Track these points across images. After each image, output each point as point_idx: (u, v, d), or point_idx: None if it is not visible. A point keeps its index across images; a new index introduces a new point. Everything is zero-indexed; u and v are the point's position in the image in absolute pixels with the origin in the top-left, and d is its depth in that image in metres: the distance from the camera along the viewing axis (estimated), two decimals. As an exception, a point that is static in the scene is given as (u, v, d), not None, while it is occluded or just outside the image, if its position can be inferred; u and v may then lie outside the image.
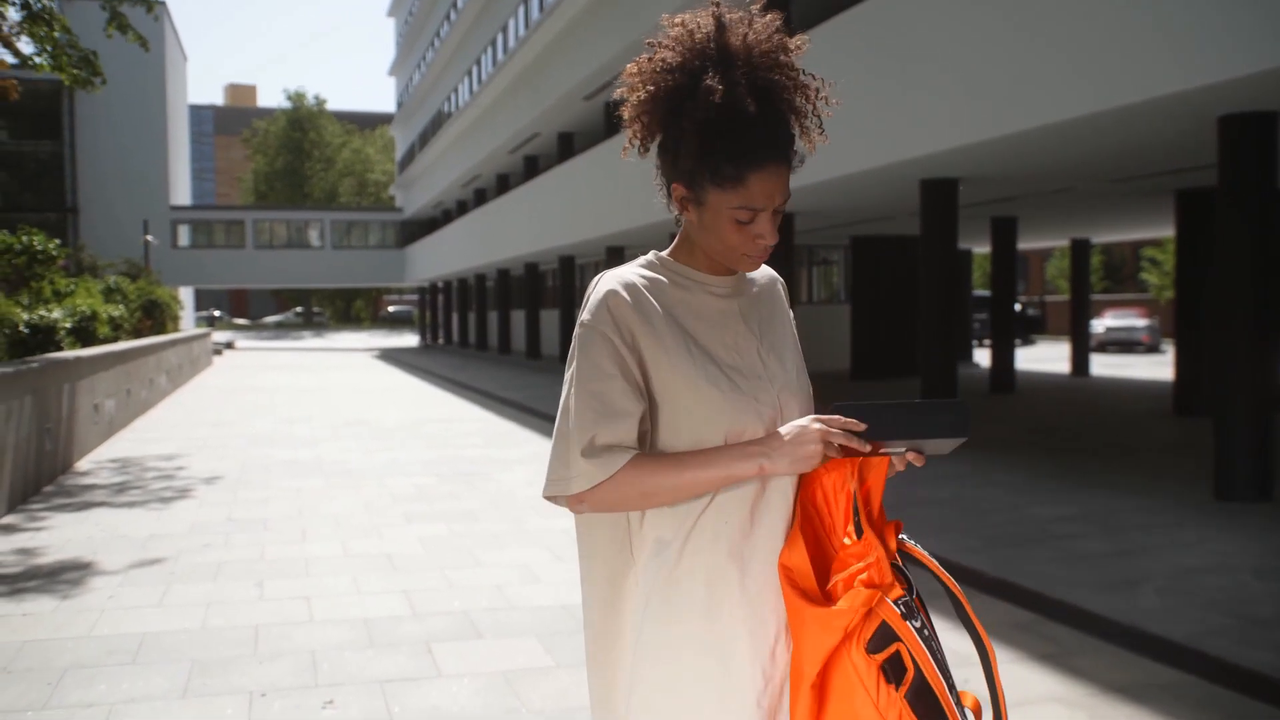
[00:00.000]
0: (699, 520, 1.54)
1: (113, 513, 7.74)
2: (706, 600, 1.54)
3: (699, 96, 1.51)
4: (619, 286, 1.57)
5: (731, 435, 1.54)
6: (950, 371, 10.96)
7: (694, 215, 1.58)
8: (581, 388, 1.53)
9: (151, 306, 19.83)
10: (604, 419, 1.50)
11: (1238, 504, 7.29)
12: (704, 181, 1.53)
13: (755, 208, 1.53)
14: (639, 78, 1.59)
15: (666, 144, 1.58)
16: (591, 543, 1.62)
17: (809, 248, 22.22)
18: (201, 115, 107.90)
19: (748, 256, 1.59)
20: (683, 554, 1.54)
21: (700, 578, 1.54)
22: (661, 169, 1.62)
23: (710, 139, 1.51)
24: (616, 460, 1.49)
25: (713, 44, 1.55)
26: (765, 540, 1.56)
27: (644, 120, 1.59)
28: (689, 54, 1.55)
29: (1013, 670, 4.32)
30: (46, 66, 10.80)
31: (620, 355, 1.53)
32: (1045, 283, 44.29)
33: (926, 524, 6.77)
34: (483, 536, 6.95)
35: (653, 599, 1.54)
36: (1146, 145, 9.32)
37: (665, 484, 1.50)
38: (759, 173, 1.51)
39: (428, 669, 4.35)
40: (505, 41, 27.81)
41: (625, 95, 1.61)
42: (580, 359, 1.54)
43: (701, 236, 1.59)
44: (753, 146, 1.51)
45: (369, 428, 13.60)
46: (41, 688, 4.10)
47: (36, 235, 12.61)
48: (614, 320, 1.54)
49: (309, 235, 50.15)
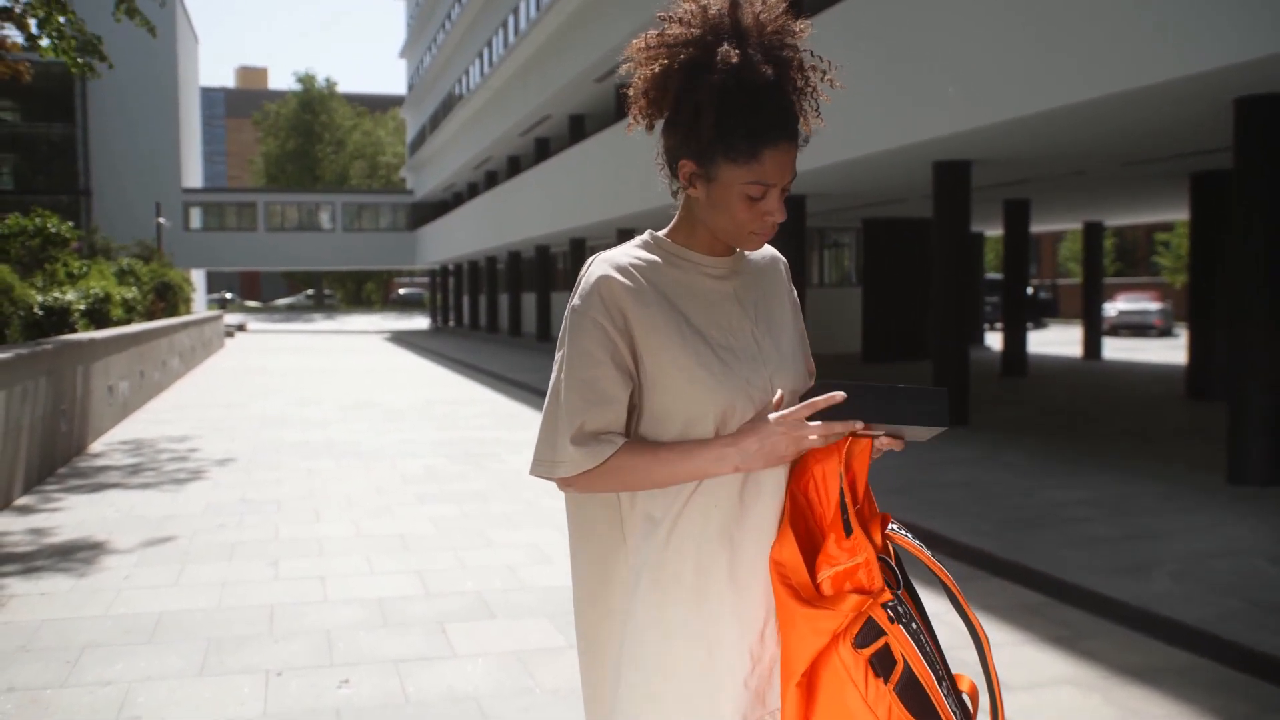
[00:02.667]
0: (689, 500, 1.55)
1: (127, 494, 7.80)
2: (695, 581, 1.55)
3: (716, 68, 1.51)
4: (611, 270, 1.57)
5: (722, 417, 1.55)
6: (962, 355, 10.93)
7: (702, 192, 1.57)
8: (572, 374, 1.54)
9: (164, 289, 19.91)
10: (593, 406, 1.52)
11: (1251, 488, 7.27)
12: (717, 156, 1.53)
13: (768, 183, 1.53)
14: (648, 52, 1.58)
15: (676, 119, 1.56)
16: (581, 520, 1.64)
17: (820, 230, 22.14)
18: (213, 98, 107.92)
19: (755, 234, 1.58)
20: (672, 534, 1.55)
21: (689, 559, 1.55)
22: (667, 146, 1.60)
23: (727, 112, 1.51)
24: (604, 450, 1.51)
25: (726, 18, 1.55)
26: (755, 521, 1.57)
27: (652, 95, 1.58)
28: (703, 28, 1.55)
29: (1025, 652, 4.32)
30: (50, 52, 10.78)
31: (611, 340, 1.53)
32: (1057, 266, 44.08)
33: (939, 506, 6.77)
34: (494, 517, 6.98)
35: (642, 579, 1.56)
36: (1161, 128, 9.25)
37: (643, 477, 1.52)
38: (773, 149, 1.52)
39: (442, 649, 4.37)
40: (516, 23, 27.70)
41: (634, 70, 1.60)
42: (571, 344, 1.55)
43: (709, 214, 1.58)
44: (769, 121, 1.51)
45: (380, 409, 13.65)
46: (60, 666, 4.15)
47: (50, 218, 12.65)
48: (605, 305, 1.54)
49: (320, 218, 50.21)
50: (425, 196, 48.24)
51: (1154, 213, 22.58)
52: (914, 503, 6.90)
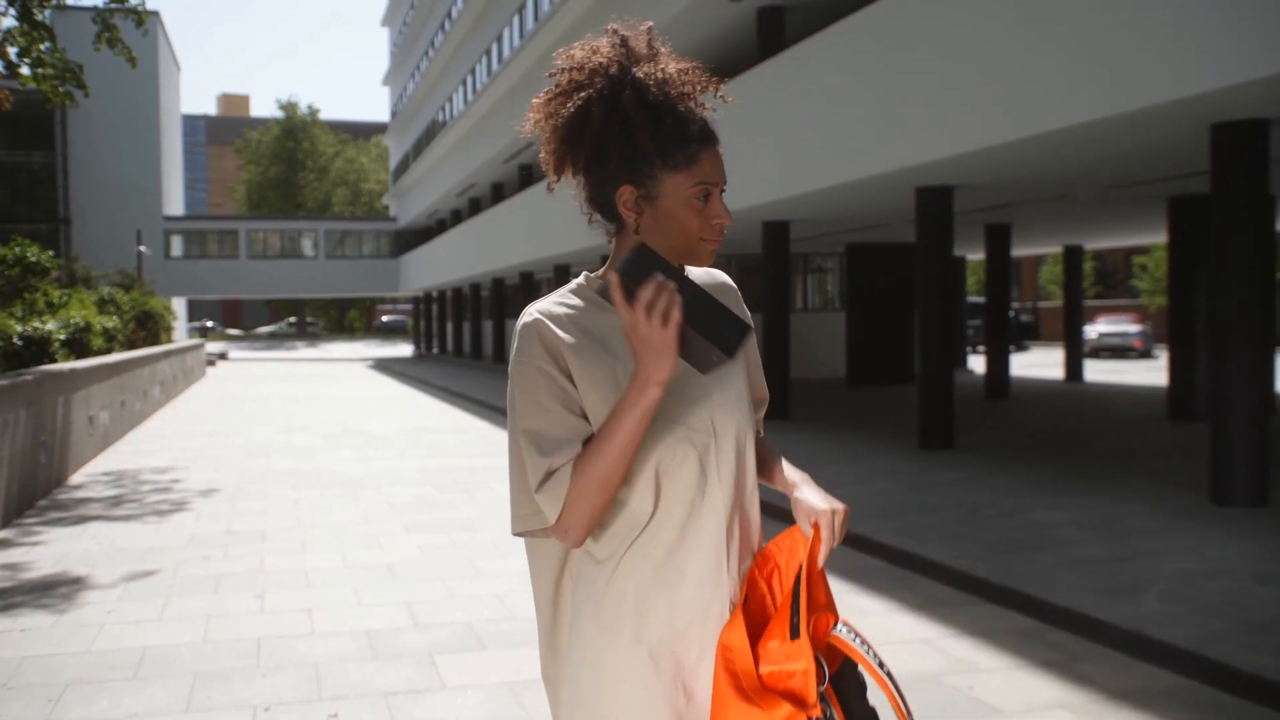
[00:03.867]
0: (633, 544, 1.55)
1: (109, 526, 7.71)
2: (635, 624, 1.55)
3: (639, 83, 1.54)
4: (545, 319, 1.56)
5: (658, 464, 1.54)
6: (947, 378, 10.97)
7: (648, 215, 1.56)
8: (527, 428, 1.53)
9: (145, 317, 19.78)
10: (554, 451, 1.51)
11: (1236, 509, 7.31)
12: (656, 169, 1.53)
13: (711, 182, 1.55)
14: (559, 100, 1.58)
15: (604, 150, 1.55)
16: (535, 559, 1.66)
17: (804, 255, 22.24)
18: (194, 125, 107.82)
19: (706, 241, 1.58)
20: (614, 576, 1.55)
21: (629, 600, 1.55)
22: (594, 184, 1.59)
23: (658, 123, 1.52)
24: (561, 480, 1.49)
25: (624, 47, 1.58)
26: (696, 563, 1.56)
27: (572, 136, 1.57)
28: (607, 60, 1.57)
29: (1018, 677, 4.32)
30: (30, 80, 10.73)
31: (556, 384, 1.53)
32: (1038, 289, 44.40)
33: (928, 530, 6.78)
34: (483, 546, 6.94)
35: (583, 619, 1.57)
36: (1140, 153, 9.36)
37: (607, 470, 1.48)
38: (708, 150, 1.56)
39: (432, 680, 4.33)
40: (500, 50, 27.84)
41: (543, 125, 1.59)
42: (519, 398, 1.54)
43: (658, 237, 1.56)
44: (698, 125, 1.55)
45: (365, 437, 13.57)
46: (42, 704, 4.08)
47: (30, 247, 12.58)
48: (546, 350, 1.54)
49: (303, 245, 50.08)
50: (409, 223, 48.24)
51: (1132, 236, 22.80)
52: (903, 526, 6.90)
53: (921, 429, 10.90)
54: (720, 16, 14.81)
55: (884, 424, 13.19)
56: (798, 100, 11.40)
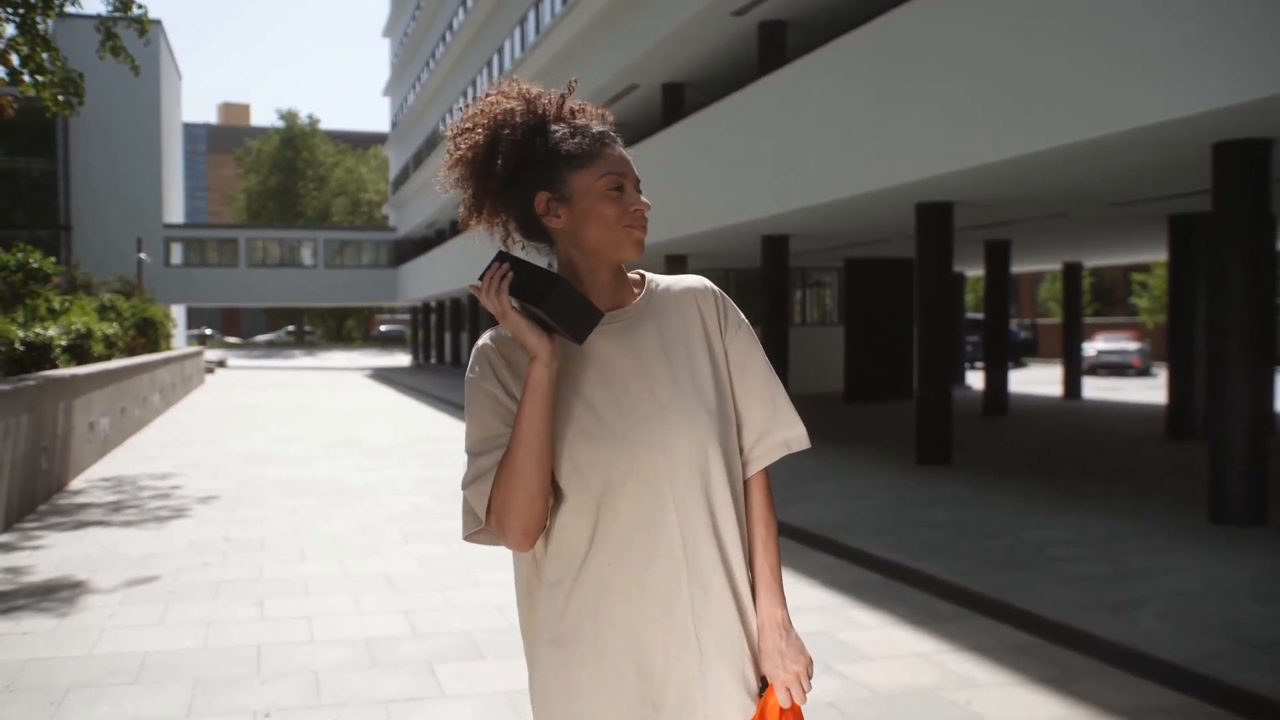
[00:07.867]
0: (585, 562, 1.59)
1: (109, 531, 7.71)
2: (594, 642, 1.58)
3: (536, 110, 1.66)
4: (490, 342, 1.65)
5: (606, 481, 1.58)
6: (945, 394, 10.99)
7: (565, 216, 1.63)
8: (468, 441, 1.62)
9: (145, 324, 19.78)
10: (484, 454, 1.59)
11: (1234, 528, 7.32)
12: (562, 170, 1.61)
13: (619, 173, 1.62)
14: (460, 140, 1.69)
15: (509, 178, 1.66)
16: (515, 578, 1.71)
17: (803, 270, 22.29)
18: (195, 133, 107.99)
19: (630, 229, 1.62)
20: (571, 596, 1.59)
21: (588, 618, 1.58)
22: (512, 204, 1.68)
23: (560, 132, 1.64)
24: (490, 474, 1.56)
25: (524, 88, 1.69)
26: (654, 574, 1.59)
27: (480, 174, 1.67)
28: (510, 101, 1.67)
29: (1016, 694, 4.33)
30: (30, 89, 10.73)
31: (498, 402, 1.60)
32: (1037, 305, 44.47)
33: (925, 547, 6.79)
34: (481, 556, 6.94)
35: (542, 639, 1.62)
36: (1141, 172, 9.41)
37: (516, 450, 1.53)
38: (608, 147, 1.64)
39: (431, 689, 4.34)
40: (501, 62, 27.93)
41: (454, 171, 1.70)
42: (469, 415, 1.63)
43: (581, 236, 1.63)
44: (596, 130, 1.65)
45: (363, 447, 13.58)
46: (44, 707, 4.08)
47: (33, 253, 12.59)
48: (493, 371, 1.62)
49: (302, 254, 50.12)
50: (408, 233, 48.26)
51: (1132, 254, 22.87)
52: (900, 543, 6.91)
53: (919, 445, 10.92)
54: (722, 31, 14.88)
55: (882, 439, 13.21)
56: (798, 114, 11.45)
